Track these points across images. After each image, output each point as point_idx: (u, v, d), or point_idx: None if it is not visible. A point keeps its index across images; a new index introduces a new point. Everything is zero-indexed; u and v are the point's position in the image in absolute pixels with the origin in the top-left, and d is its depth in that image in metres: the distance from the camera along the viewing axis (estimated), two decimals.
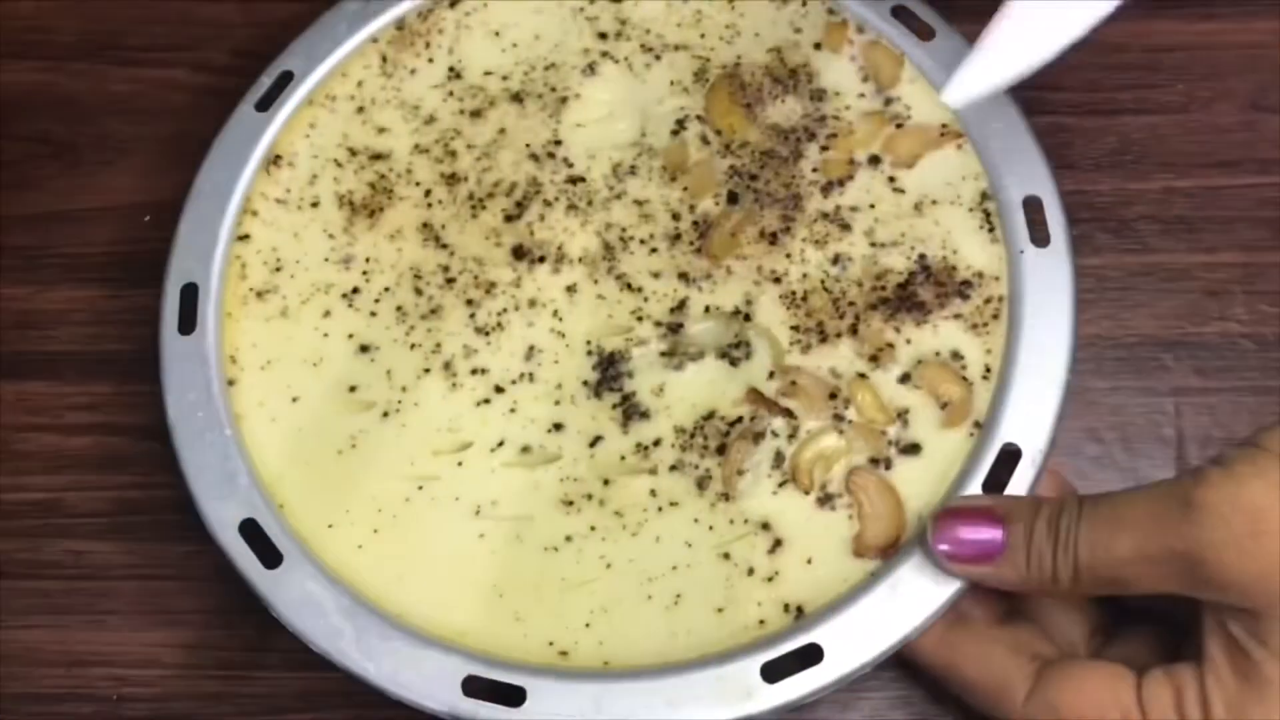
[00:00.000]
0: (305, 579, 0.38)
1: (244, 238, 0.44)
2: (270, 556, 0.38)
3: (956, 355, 0.40)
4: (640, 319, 0.41)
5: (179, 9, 0.54)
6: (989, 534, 0.35)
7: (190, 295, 0.43)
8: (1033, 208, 0.42)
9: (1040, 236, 0.41)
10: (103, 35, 0.54)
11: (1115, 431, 0.44)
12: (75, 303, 0.49)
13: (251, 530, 0.39)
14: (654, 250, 0.42)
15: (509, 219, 0.43)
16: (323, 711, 0.42)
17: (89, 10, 0.54)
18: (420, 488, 0.40)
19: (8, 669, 0.43)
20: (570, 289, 0.42)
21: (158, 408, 0.41)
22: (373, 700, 0.37)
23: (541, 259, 0.43)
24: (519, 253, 0.43)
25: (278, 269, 0.43)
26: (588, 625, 0.37)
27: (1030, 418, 0.38)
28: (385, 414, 0.41)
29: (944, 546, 0.36)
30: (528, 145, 0.45)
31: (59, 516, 0.45)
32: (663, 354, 0.41)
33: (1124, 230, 0.47)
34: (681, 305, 0.41)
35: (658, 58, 0.46)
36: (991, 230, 0.42)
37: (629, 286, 0.42)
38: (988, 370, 0.40)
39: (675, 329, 0.41)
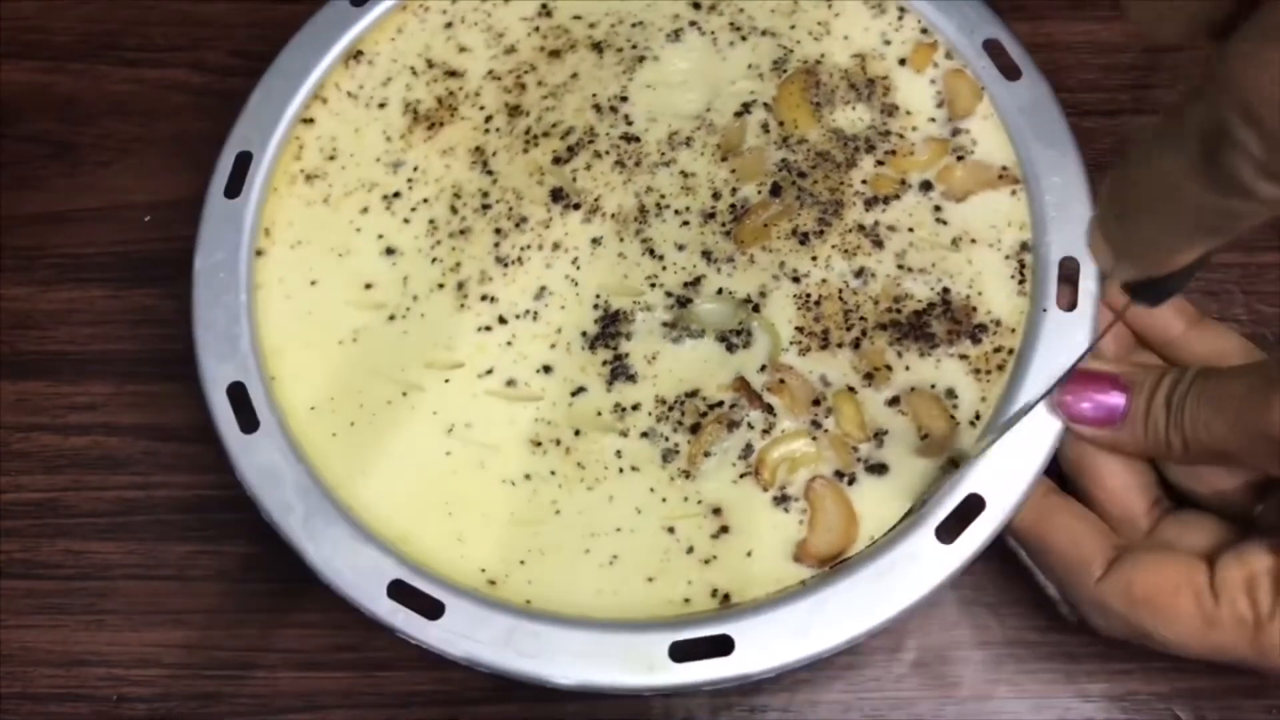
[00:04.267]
0: (274, 450, 0.39)
1: (308, 121, 0.45)
2: (248, 422, 0.40)
3: (951, 393, 0.39)
4: (653, 285, 0.42)
5: (179, 9, 0.54)
6: (1114, 400, 0.37)
7: (243, 163, 0.44)
8: (1068, 270, 0.40)
9: (1067, 301, 0.40)
10: (103, 35, 0.54)
11: None
12: (75, 303, 0.49)
13: (238, 394, 0.40)
14: (685, 223, 0.43)
15: (557, 160, 0.44)
16: (322, 711, 0.43)
17: (89, 10, 0.55)
18: (404, 394, 0.41)
19: (7, 669, 0.44)
20: (595, 241, 0.43)
21: (157, 408, 0.41)
22: (372, 700, 0.36)
23: (576, 206, 0.43)
24: (557, 195, 0.43)
25: (331, 157, 0.45)
26: (522, 563, 0.38)
27: (1005, 474, 0.37)
28: (391, 317, 0.42)
29: (1072, 409, 0.37)
30: (594, 95, 0.45)
31: (58, 516, 0.46)
32: (665, 324, 0.41)
33: None
34: (696, 281, 0.42)
35: (743, 38, 0.46)
36: (1022, 282, 0.41)
37: (651, 252, 0.42)
38: (977, 416, 0.39)
39: (684, 303, 0.41)
